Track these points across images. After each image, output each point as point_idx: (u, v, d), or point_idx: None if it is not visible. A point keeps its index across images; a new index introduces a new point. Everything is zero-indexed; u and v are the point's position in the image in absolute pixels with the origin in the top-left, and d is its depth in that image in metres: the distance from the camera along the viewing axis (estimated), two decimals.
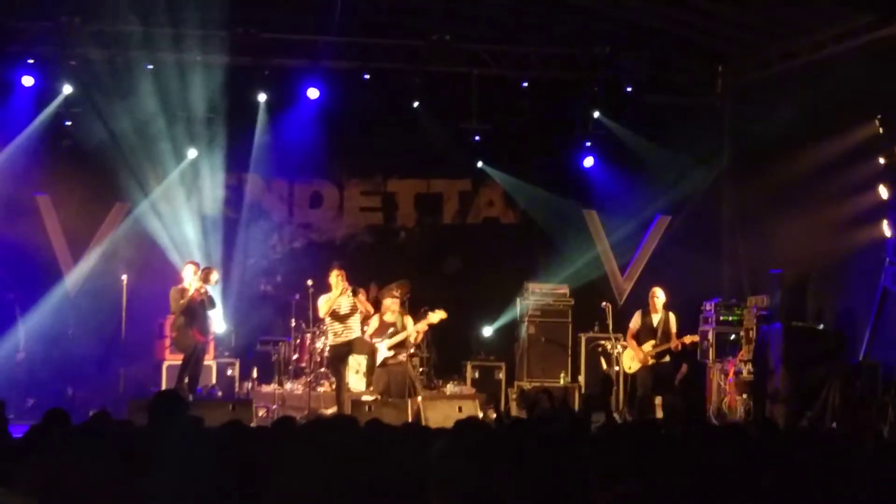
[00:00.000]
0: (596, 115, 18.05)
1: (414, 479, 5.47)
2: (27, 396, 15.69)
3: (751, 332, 16.07)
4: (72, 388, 16.07)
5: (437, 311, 15.54)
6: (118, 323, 16.19)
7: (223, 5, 16.79)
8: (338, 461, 5.89)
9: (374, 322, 15.64)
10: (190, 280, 15.12)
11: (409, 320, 15.57)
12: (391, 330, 15.45)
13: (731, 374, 16.06)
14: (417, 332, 15.55)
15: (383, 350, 15.46)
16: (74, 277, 17.38)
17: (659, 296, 15.55)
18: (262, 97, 17.40)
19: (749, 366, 15.80)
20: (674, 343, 15.25)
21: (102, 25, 16.45)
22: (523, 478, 5.47)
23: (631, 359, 15.52)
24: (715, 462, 5.92)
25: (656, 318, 15.46)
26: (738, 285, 17.65)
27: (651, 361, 15.27)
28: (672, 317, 15.55)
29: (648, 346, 15.30)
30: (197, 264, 15.46)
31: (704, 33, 17.29)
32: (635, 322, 15.66)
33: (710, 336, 16.77)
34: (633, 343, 15.51)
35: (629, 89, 17.81)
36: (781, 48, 16.87)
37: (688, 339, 15.34)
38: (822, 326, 15.25)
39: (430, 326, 15.70)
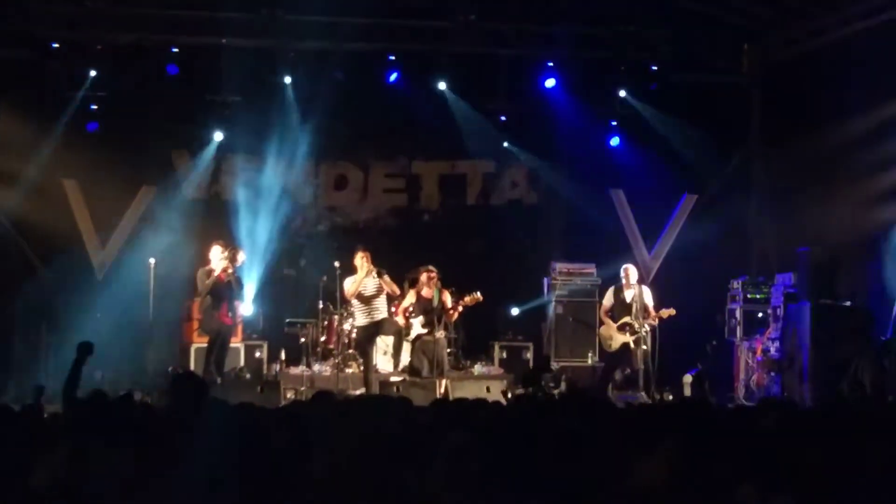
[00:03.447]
0: (622, 94, 17.98)
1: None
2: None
3: (778, 310, 16.02)
4: (100, 372, 16.10)
5: (471, 294, 15.53)
6: (146, 306, 16.26)
7: None
8: (366, 440, 5.91)
9: (409, 297, 15.65)
10: (216, 261, 15.14)
11: (446, 295, 15.56)
12: (427, 307, 15.49)
13: (758, 352, 16.04)
14: (454, 311, 15.54)
15: (417, 326, 15.51)
16: (102, 260, 17.45)
17: (632, 272, 15.60)
18: (286, 79, 17.36)
19: (777, 343, 15.76)
20: (652, 316, 15.28)
21: (128, 8, 16.50)
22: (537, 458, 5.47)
23: (610, 337, 15.52)
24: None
25: (630, 294, 15.47)
26: (765, 263, 17.57)
27: (632, 338, 15.29)
28: (647, 290, 15.62)
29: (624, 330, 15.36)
30: (224, 244, 15.41)
31: (730, 11, 17.17)
32: (608, 299, 15.72)
33: (738, 314, 16.74)
34: (609, 320, 15.56)
35: (655, 68, 17.75)
36: (808, 25, 16.73)
37: (664, 313, 15.29)
38: (849, 304, 15.17)
39: (464, 307, 15.69)
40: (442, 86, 17.69)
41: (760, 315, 16.46)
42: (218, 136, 17.75)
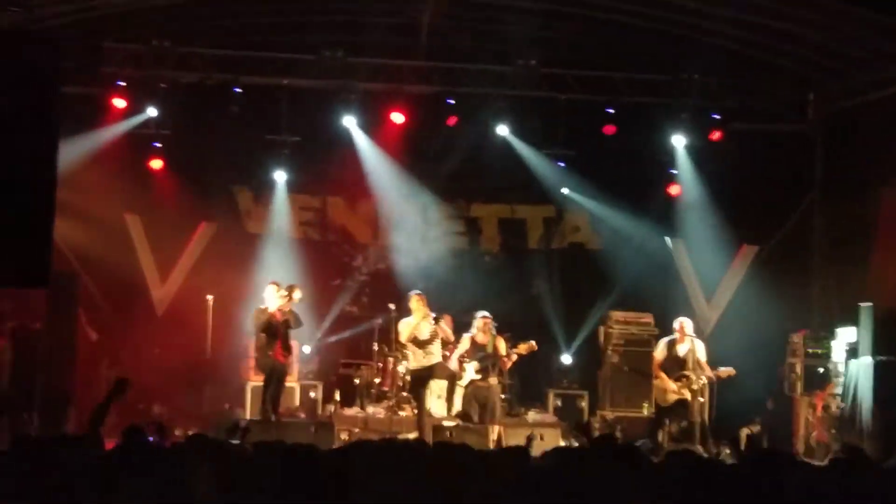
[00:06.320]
0: (683, 141, 17.84)
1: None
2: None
3: (840, 366, 15.75)
4: (158, 407, 16.21)
5: (526, 343, 15.43)
6: (204, 343, 16.36)
7: (311, 29, 17.02)
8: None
9: (464, 342, 15.53)
10: (271, 300, 15.15)
11: (500, 342, 15.45)
12: (482, 353, 15.38)
13: (819, 409, 15.75)
14: (508, 359, 15.42)
15: (471, 371, 15.42)
16: (161, 296, 17.58)
17: (687, 325, 15.29)
18: (348, 120, 17.43)
19: (837, 400, 15.47)
20: (709, 374, 15.03)
21: (192, 48, 16.69)
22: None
23: (665, 391, 15.26)
24: None
25: (683, 349, 15.18)
26: (827, 317, 17.30)
27: (688, 395, 15.03)
28: (700, 344, 15.31)
29: (681, 383, 15.05)
30: (277, 284, 15.33)
31: (795, 60, 17.02)
32: (661, 352, 15.39)
33: (798, 368, 16.48)
34: (663, 374, 15.26)
35: (717, 116, 17.59)
36: (872, 76, 16.54)
37: (723, 373, 15.03)
38: None
39: (519, 356, 15.58)
40: (501, 130, 17.66)
41: (821, 370, 16.19)
42: (279, 176, 17.88)
